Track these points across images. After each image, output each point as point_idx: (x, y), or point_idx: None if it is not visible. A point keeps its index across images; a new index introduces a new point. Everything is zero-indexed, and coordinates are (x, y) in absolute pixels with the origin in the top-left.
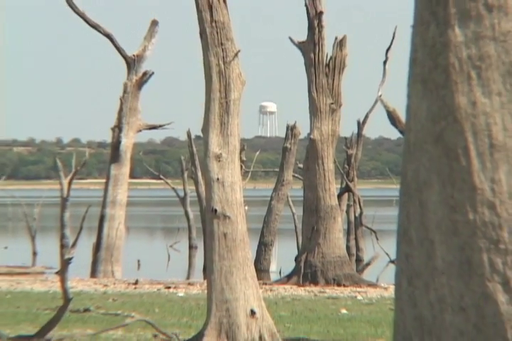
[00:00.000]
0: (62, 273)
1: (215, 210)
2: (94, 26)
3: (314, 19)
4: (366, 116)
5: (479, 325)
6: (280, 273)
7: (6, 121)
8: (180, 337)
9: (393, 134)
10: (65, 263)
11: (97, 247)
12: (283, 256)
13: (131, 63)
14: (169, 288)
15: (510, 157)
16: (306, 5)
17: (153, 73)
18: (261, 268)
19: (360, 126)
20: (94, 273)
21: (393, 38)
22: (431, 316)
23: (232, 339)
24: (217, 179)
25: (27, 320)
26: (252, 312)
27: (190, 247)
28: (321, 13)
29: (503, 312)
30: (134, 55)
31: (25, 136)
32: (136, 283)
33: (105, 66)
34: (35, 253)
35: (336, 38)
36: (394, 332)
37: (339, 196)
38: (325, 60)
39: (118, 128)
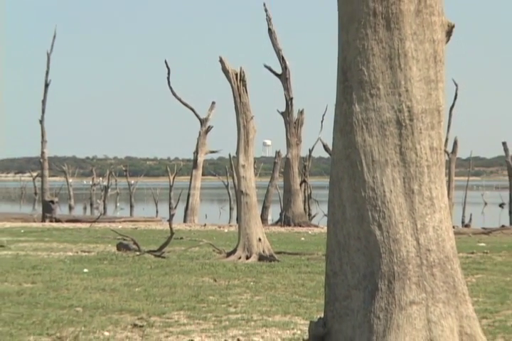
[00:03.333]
0: (169, 220)
1: (242, 191)
2: (185, 104)
3: (288, 101)
4: (313, 147)
5: (367, 246)
6: (272, 220)
7: (142, 147)
8: (226, 250)
9: (326, 155)
10: (171, 216)
11: (186, 208)
12: (274, 213)
13: (203, 122)
14: (220, 227)
15: (382, 166)
16: (284, 93)
17: (212, 127)
18: (263, 218)
19: (310, 151)
20: (185, 221)
21: (326, 109)
22: (343, 241)
23: (249, 252)
24: (243, 176)
25: (153, 243)
26: (259, 239)
27: (230, 209)
28: (292, 98)
29: (378, 239)
30: (203, 118)
31: (152, 155)
32: (204, 225)
33: (189, 121)
34: (157, 211)
35: (299, 110)
36: (326, 248)
37: (300, 184)
38: (293, 120)
39: (196, 152)
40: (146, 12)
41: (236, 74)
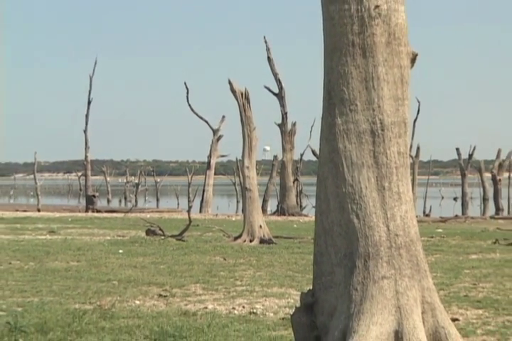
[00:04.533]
0: (188, 211)
1: (246, 187)
2: (201, 117)
3: (284, 115)
4: (304, 152)
5: (347, 231)
6: (270, 211)
7: (167, 152)
8: (233, 235)
9: (314, 158)
10: (189, 207)
11: (202, 201)
12: (272, 205)
13: (215, 132)
14: (229, 216)
15: (359, 167)
16: (280, 109)
17: (223, 135)
18: (263, 209)
19: (301, 155)
20: (200, 211)
21: (314, 121)
22: (328, 227)
23: (252, 236)
24: (247, 176)
25: (176, 229)
26: (260, 226)
27: (237, 201)
28: (286, 112)
29: (356, 226)
30: (215, 129)
31: (175, 158)
32: (216, 215)
33: (204, 131)
34: (178, 204)
35: (292, 122)
36: (314, 233)
37: (293, 182)
38: (288, 130)
39: (209, 156)
40: (169, 42)
41: (242, 93)
